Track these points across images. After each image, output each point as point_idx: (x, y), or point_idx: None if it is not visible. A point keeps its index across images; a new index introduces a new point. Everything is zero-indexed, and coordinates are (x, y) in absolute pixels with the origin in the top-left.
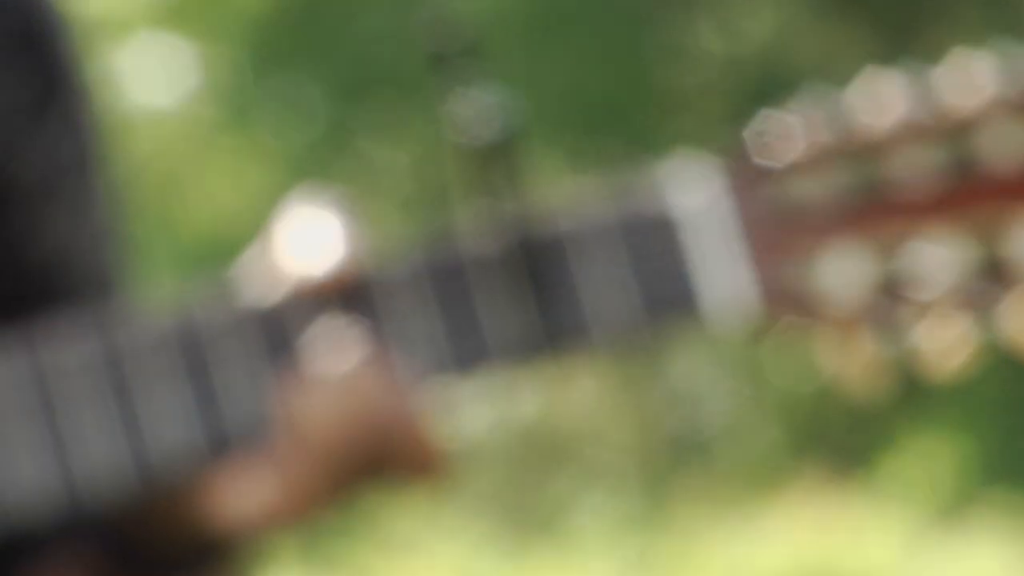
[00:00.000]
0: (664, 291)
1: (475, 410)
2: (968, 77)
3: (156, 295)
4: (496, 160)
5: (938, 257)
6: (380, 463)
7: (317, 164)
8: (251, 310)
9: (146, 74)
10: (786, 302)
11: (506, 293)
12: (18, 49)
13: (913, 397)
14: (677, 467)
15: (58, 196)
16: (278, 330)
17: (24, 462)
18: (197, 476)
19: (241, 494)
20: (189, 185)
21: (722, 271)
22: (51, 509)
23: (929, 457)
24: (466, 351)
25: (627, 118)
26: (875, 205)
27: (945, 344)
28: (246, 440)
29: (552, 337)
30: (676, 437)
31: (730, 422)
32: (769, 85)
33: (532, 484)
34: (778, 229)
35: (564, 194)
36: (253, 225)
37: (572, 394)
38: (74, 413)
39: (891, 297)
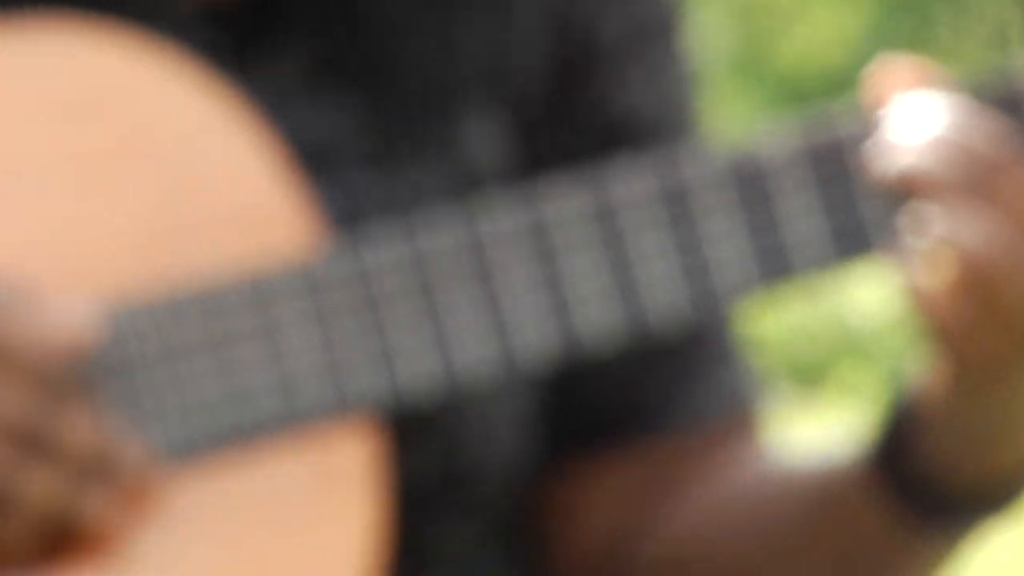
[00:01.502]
0: None
1: None
2: None
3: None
4: None
5: None
6: None
7: (913, 4)
8: (811, 146)
9: None
10: None
11: None
12: None
13: None
14: None
15: (637, 58)
16: (837, 166)
17: (592, 290)
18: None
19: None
20: (789, 21)
21: None
22: (620, 333)
23: None
24: None
25: None
26: None
27: None
28: (802, 270)
29: None
30: None
31: None
32: None
33: None
34: None
35: None
36: (850, 64)
37: None
38: (636, 244)
39: None
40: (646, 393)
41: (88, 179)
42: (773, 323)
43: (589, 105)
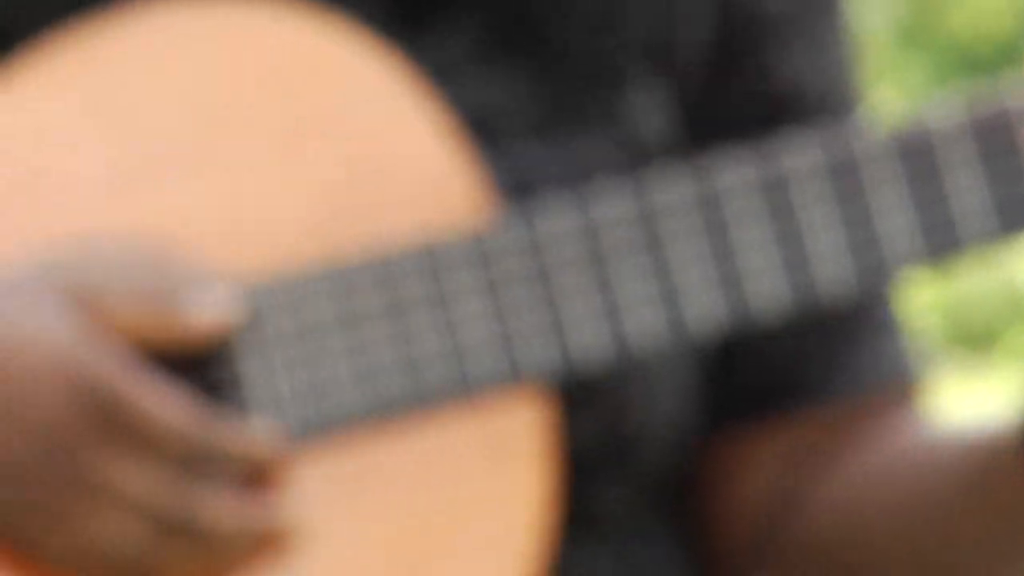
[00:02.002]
0: None
1: None
2: None
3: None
4: None
5: None
6: None
7: None
8: (978, 119)
9: None
10: None
11: None
12: None
13: None
14: None
15: (802, 31)
16: (1004, 140)
17: (761, 261)
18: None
19: None
20: None
21: None
22: (787, 304)
23: None
24: None
25: None
26: None
27: None
28: (969, 243)
29: None
30: None
31: None
32: None
33: None
34: None
35: None
36: (1021, 33)
37: None
38: (804, 216)
39: None
40: (809, 364)
41: (271, 151)
42: (942, 289)
43: (753, 78)
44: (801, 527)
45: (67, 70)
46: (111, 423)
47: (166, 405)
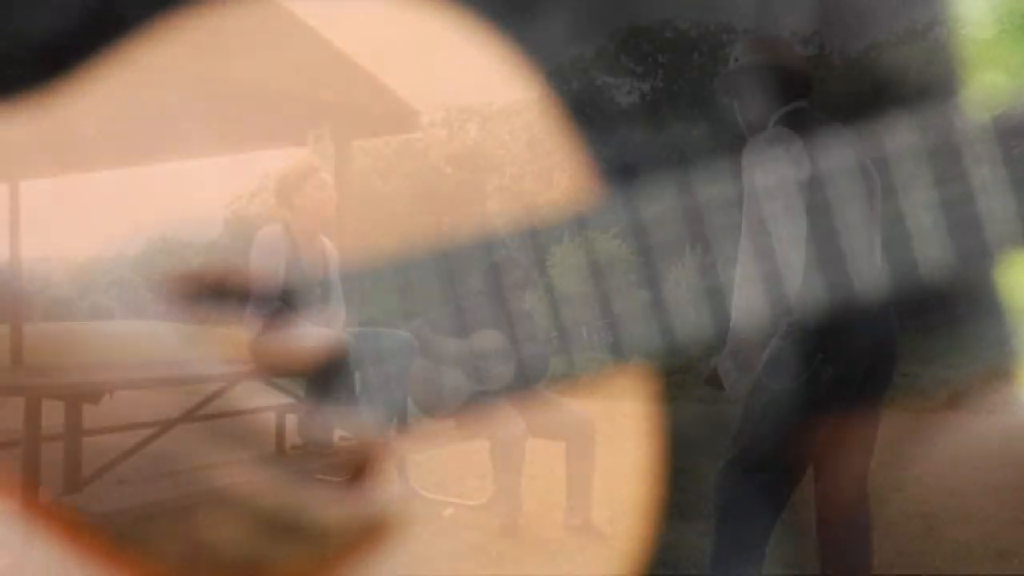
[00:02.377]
0: None
1: None
2: None
3: None
4: None
5: None
6: None
7: None
8: None
9: None
10: None
11: None
12: None
13: None
14: None
15: (900, 18)
16: None
17: (861, 243)
18: None
19: None
20: None
21: None
22: (888, 282)
23: None
24: None
25: None
26: None
27: None
28: None
29: None
30: None
31: None
32: None
33: None
34: None
35: None
36: None
37: None
38: (903, 197)
39: None
40: (907, 349)
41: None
42: None
43: (853, 65)
44: (900, 506)
45: (177, 56)
46: (219, 431)
47: (273, 412)
